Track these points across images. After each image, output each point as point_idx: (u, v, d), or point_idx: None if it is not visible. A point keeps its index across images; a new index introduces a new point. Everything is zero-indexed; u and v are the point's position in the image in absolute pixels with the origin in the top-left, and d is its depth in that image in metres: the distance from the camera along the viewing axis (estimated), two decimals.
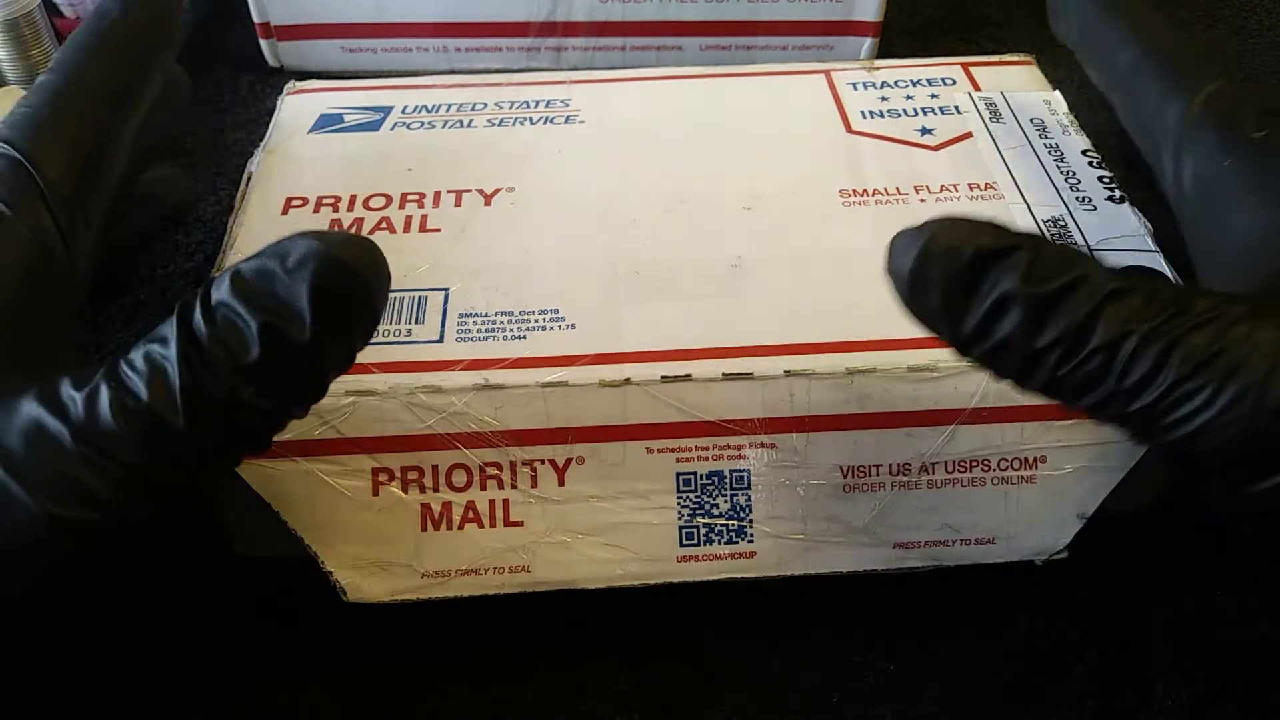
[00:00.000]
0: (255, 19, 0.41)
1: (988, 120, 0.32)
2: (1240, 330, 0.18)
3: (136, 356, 0.18)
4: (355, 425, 0.24)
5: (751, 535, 0.25)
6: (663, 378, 0.24)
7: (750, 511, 0.25)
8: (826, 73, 0.34)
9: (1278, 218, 0.23)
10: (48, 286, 0.22)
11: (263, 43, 0.42)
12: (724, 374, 0.24)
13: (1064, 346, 0.19)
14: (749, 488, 0.25)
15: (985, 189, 0.29)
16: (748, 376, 0.24)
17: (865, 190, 0.29)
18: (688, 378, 0.24)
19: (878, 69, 0.34)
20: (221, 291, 0.18)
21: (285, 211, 0.29)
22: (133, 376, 0.18)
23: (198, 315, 0.18)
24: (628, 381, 0.24)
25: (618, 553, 0.25)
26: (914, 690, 0.25)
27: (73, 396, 0.18)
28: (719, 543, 0.25)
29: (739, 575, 0.26)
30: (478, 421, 0.24)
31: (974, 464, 0.25)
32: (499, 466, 0.25)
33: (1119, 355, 0.19)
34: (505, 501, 0.25)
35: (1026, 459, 0.25)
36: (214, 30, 0.46)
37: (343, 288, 0.18)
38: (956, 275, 0.19)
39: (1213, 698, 0.25)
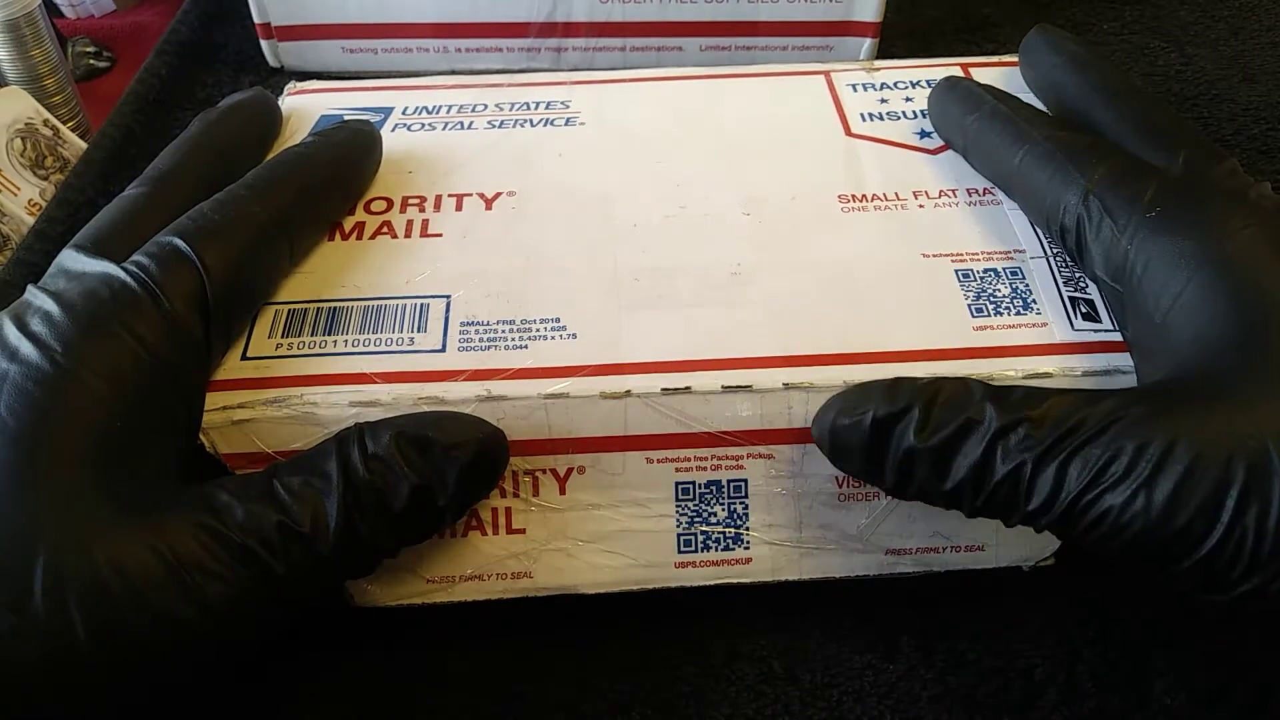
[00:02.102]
0: (255, 19, 0.41)
1: None
2: (1132, 433, 0.21)
3: (295, 483, 0.21)
4: None
5: (748, 542, 0.26)
6: (663, 390, 0.24)
7: (747, 519, 0.26)
8: (826, 74, 0.34)
9: (1179, 294, 0.23)
10: (170, 378, 0.23)
11: (263, 43, 0.41)
12: (723, 386, 0.24)
13: (971, 484, 0.22)
14: (746, 496, 0.26)
15: (983, 194, 0.29)
16: (746, 389, 0.24)
17: (865, 196, 0.29)
18: (687, 390, 0.24)
19: (877, 70, 0.34)
20: (381, 445, 0.22)
21: None
22: (293, 505, 0.21)
23: (357, 461, 0.22)
24: (628, 394, 0.24)
25: (617, 559, 0.26)
26: (914, 690, 0.25)
27: (231, 503, 0.21)
28: (716, 549, 0.26)
29: (735, 580, 0.26)
30: None
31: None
32: (501, 476, 0.25)
33: (1021, 483, 0.21)
34: (508, 510, 0.25)
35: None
36: (214, 30, 0.46)
37: (484, 473, 0.23)
38: (863, 445, 0.23)
39: (1213, 698, 0.25)
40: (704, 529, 0.26)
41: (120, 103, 0.41)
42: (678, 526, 0.26)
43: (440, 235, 0.28)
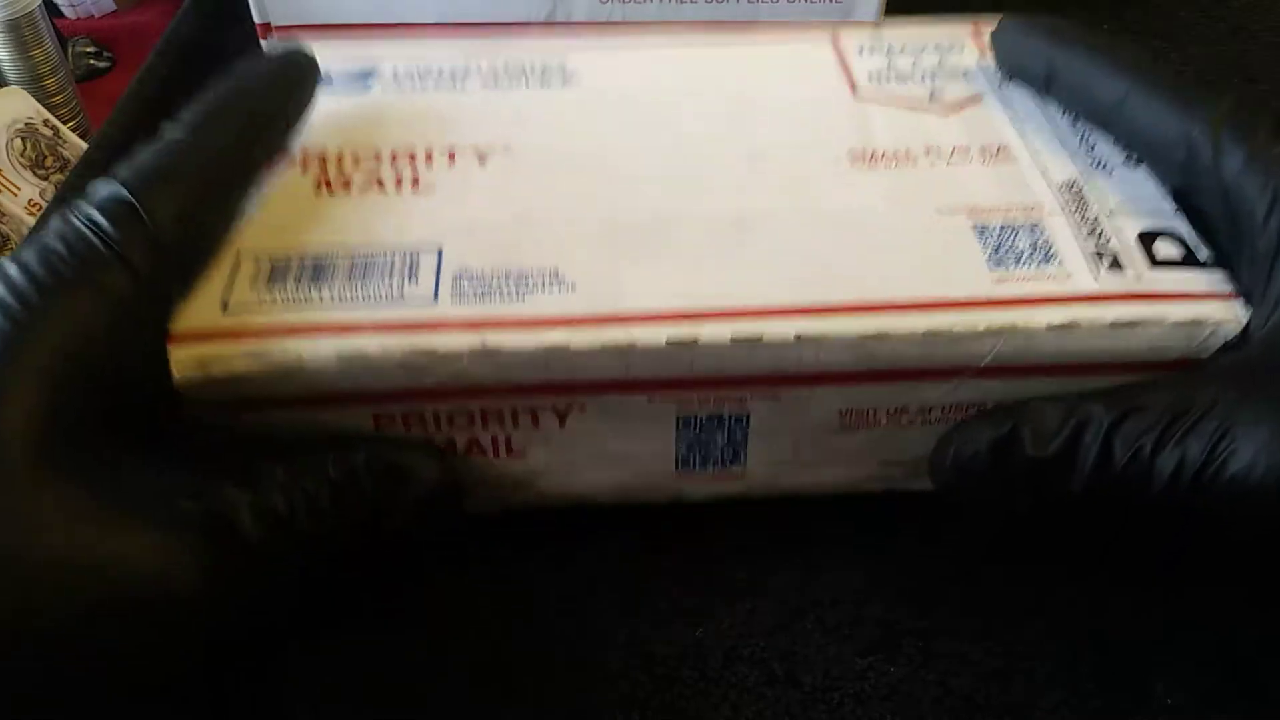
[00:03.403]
0: (255, 19, 0.40)
1: (999, 83, 0.31)
2: (1245, 402, 0.22)
3: (276, 472, 0.22)
4: (349, 384, 0.23)
5: (745, 461, 0.26)
6: (668, 341, 0.23)
7: (746, 444, 0.25)
8: (832, 35, 0.33)
9: None
10: (134, 328, 0.22)
11: (263, 43, 0.40)
12: (732, 339, 0.23)
13: (1097, 480, 0.23)
14: (747, 428, 0.25)
15: (998, 153, 0.28)
16: (757, 341, 0.23)
17: (874, 153, 0.28)
18: (694, 342, 0.23)
19: (884, 31, 0.33)
20: (351, 460, 0.23)
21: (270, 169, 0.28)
22: (270, 491, 0.22)
23: (329, 467, 0.23)
24: (632, 345, 0.23)
25: (617, 474, 0.26)
26: (915, 692, 0.25)
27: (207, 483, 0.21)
28: (714, 468, 0.26)
29: (732, 493, 0.27)
30: (477, 380, 0.23)
31: (971, 406, 0.25)
32: (500, 412, 0.24)
33: (1143, 466, 0.22)
34: (508, 438, 0.25)
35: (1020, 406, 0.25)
36: (214, 30, 0.45)
37: (436, 516, 0.25)
38: (985, 473, 0.24)
39: (1213, 698, 0.25)
40: (703, 452, 0.25)
41: (120, 103, 0.41)
42: (677, 450, 0.25)
43: (432, 190, 0.27)
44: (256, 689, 0.24)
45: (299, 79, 0.28)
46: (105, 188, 0.22)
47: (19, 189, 0.31)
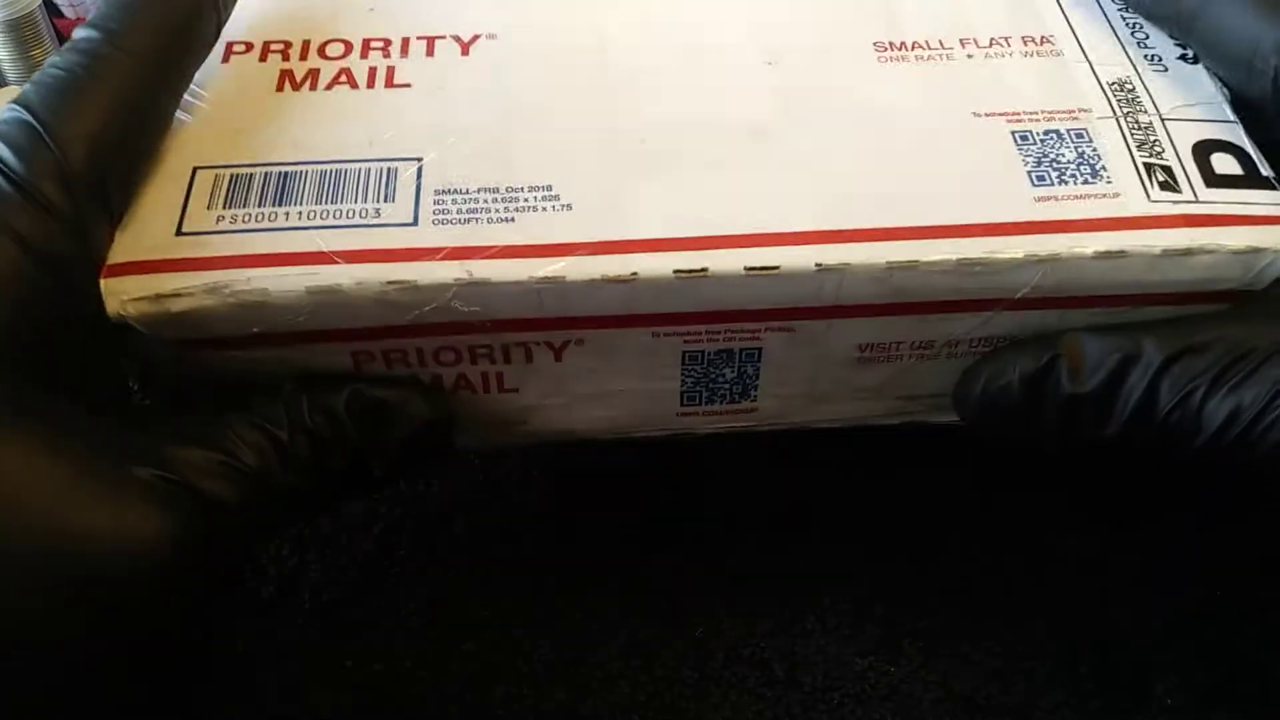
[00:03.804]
0: None
1: None
2: None
3: (244, 427, 0.20)
4: (323, 320, 0.21)
5: (755, 395, 0.24)
6: (675, 272, 0.21)
7: (757, 379, 0.24)
8: None
9: None
10: (58, 275, 0.19)
11: None
12: (746, 269, 0.21)
13: (1138, 422, 0.21)
14: (759, 362, 0.23)
15: (1041, 43, 0.25)
16: (774, 271, 0.21)
17: (904, 44, 0.25)
18: (704, 272, 0.21)
19: None
20: (332, 403, 0.21)
21: (226, 59, 0.25)
22: (240, 449, 0.20)
23: (305, 413, 0.21)
24: (635, 276, 0.21)
25: (616, 410, 0.24)
26: (916, 693, 0.25)
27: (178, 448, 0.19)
28: (720, 402, 0.24)
29: (739, 427, 0.25)
30: (463, 315, 0.21)
31: (1001, 339, 0.23)
32: (490, 348, 0.22)
33: (1190, 413, 0.20)
34: (499, 374, 0.23)
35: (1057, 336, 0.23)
36: None
37: (425, 452, 0.23)
38: (1016, 406, 0.22)
39: (1213, 698, 0.25)
40: (709, 388, 0.24)
41: None
42: (682, 387, 0.24)
43: (408, 85, 0.24)
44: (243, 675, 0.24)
45: None
46: (7, 113, 0.20)
47: None
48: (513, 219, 0.21)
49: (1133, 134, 0.23)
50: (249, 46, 0.25)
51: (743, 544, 0.27)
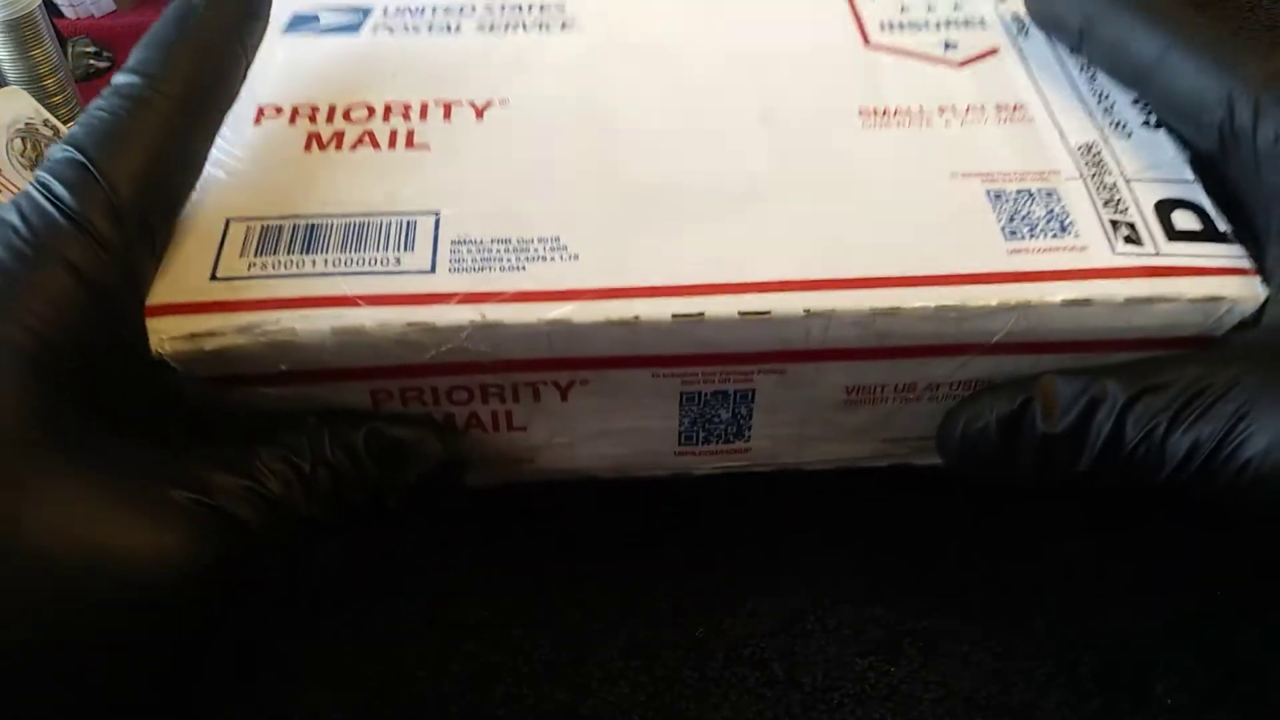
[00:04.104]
0: None
1: (1015, 34, 0.30)
2: (1264, 387, 0.21)
3: (273, 459, 0.21)
4: (346, 359, 0.22)
5: (749, 435, 0.25)
6: (674, 316, 0.22)
7: (750, 419, 0.25)
8: None
9: None
10: (106, 303, 0.21)
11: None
12: (740, 313, 0.22)
13: (1107, 457, 0.22)
14: (752, 403, 0.25)
15: (1014, 111, 0.27)
16: (765, 315, 0.22)
17: (886, 110, 0.27)
18: (700, 316, 0.22)
19: None
20: (351, 439, 0.22)
21: (258, 121, 0.27)
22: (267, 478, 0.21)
23: (326, 446, 0.22)
24: (636, 320, 0.22)
25: (618, 449, 0.25)
26: (916, 693, 0.25)
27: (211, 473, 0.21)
28: (716, 443, 0.26)
29: (734, 467, 0.26)
30: (476, 355, 0.23)
31: (978, 383, 0.25)
32: (501, 388, 0.23)
33: (1155, 447, 0.22)
34: (508, 413, 0.24)
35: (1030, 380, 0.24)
36: None
37: (439, 489, 0.24)
38: (994, 446, 0.24)
39: (1213, 698, 0.25)
40: (706, 428, 0.25)
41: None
42: (680, 426, 0.25)
43: (427, 146, 0.26)
44: (249, 680, 0.24)
45: (250, 5, 0.26)
46: (59, 153, 0.21)
47: (19, 189, 0.31)
48: (524, 267, 0.23)
49: (1099, 193, 0.25)
50: (279, 110, 0.27)
51: (743, 544, 0.27)
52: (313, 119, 0.27)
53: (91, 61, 0.48)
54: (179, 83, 0.23)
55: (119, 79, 0.23)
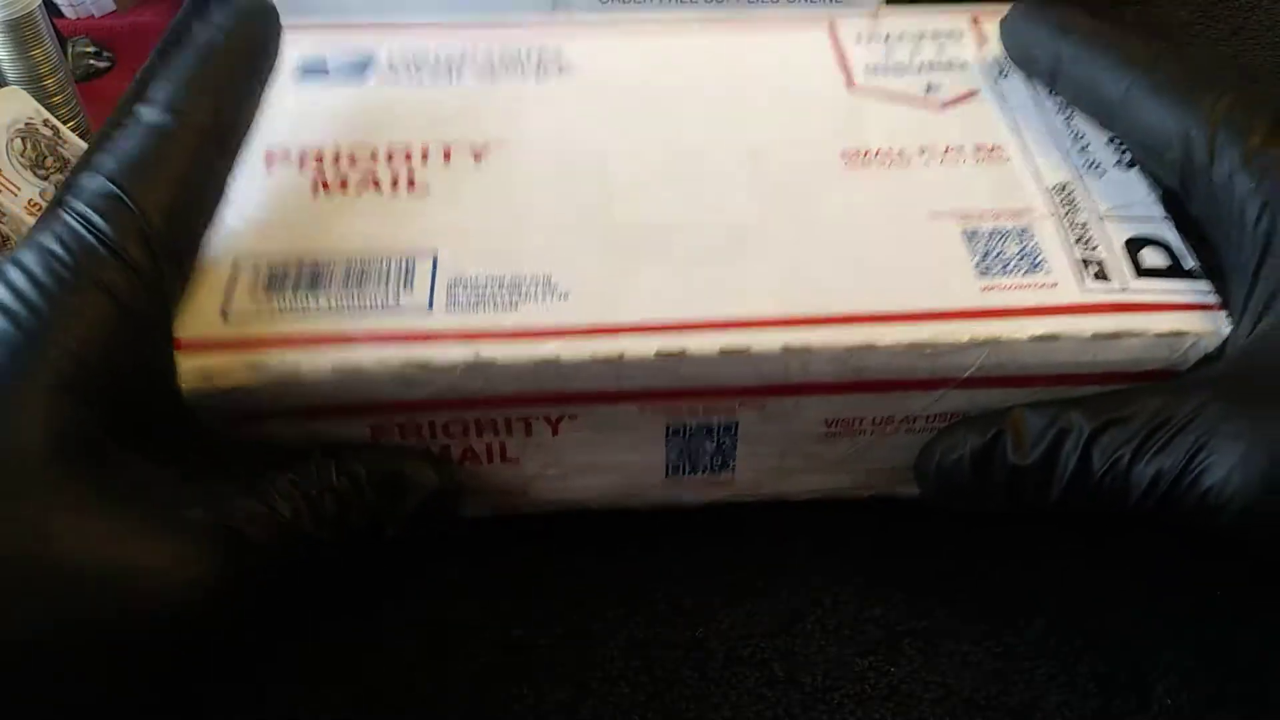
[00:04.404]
0: None
1: (996, 77, 0.31)
2: (1222, 416, 0.22)
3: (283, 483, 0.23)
4: (346, 396, 0.24)
5: (734, 467, 0.26)
6: (658, 353, 0.23)
7: (734, 451, 0.26)
8: (829, 24, 0.33)
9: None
10: (139, 327, 0.22)
11: None
12: (720, 350, 0.23)
13: (1075, 487, 0.23)
14: (735, 435, 0.26)
15: (991, 151, 0.28)
16: (744, 352, 0.24)
17: (868, 152, 0.28)
18: (683, 353, 0.23)
19: (882, 20, 0.33)
20: (353, 472, 0.23)
21: (269, 166, 0.28)
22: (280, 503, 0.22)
23: (331, 474, 0.23)
24: (621, 357, 0.23)
25: (607, 480, 0.26)
26: (916, 693, 0.25)
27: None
28: (702, 473, 0.27)
29: (720, 498, 0.27)
30: (470, 391, 0.24)
31: (954, 416, 0.26)
32: (494, 421, 0.25)
33: (1120, 477, 0.22)
34: (502, 445, 0.25)
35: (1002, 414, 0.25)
36: None
37: (435, 519, 0.25)
38: (968, 477, 0.25)
39: (1213, 698, 0.25)
40: (692, 460, 0.26)
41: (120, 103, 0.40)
42: (667, 458, 0.26)
43: (427, 189, 0.27)
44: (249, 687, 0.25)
45: (264, 37, 0.27)
46: (92, 182, 0.22)
47: (19, 189, 0.31)
48: (516, 306, 0.24)
49: (1071, 231, 0.26)
50: (288, 155, 0.28)
51: (742, 544, 0.28)
52: (319, 163, 0.28)
53: (91, 61, 0.48)
54: (203, 117, 0.24)
55: (146, 112, 0.24)
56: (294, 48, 0.31)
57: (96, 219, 0.22)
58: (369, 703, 0.25)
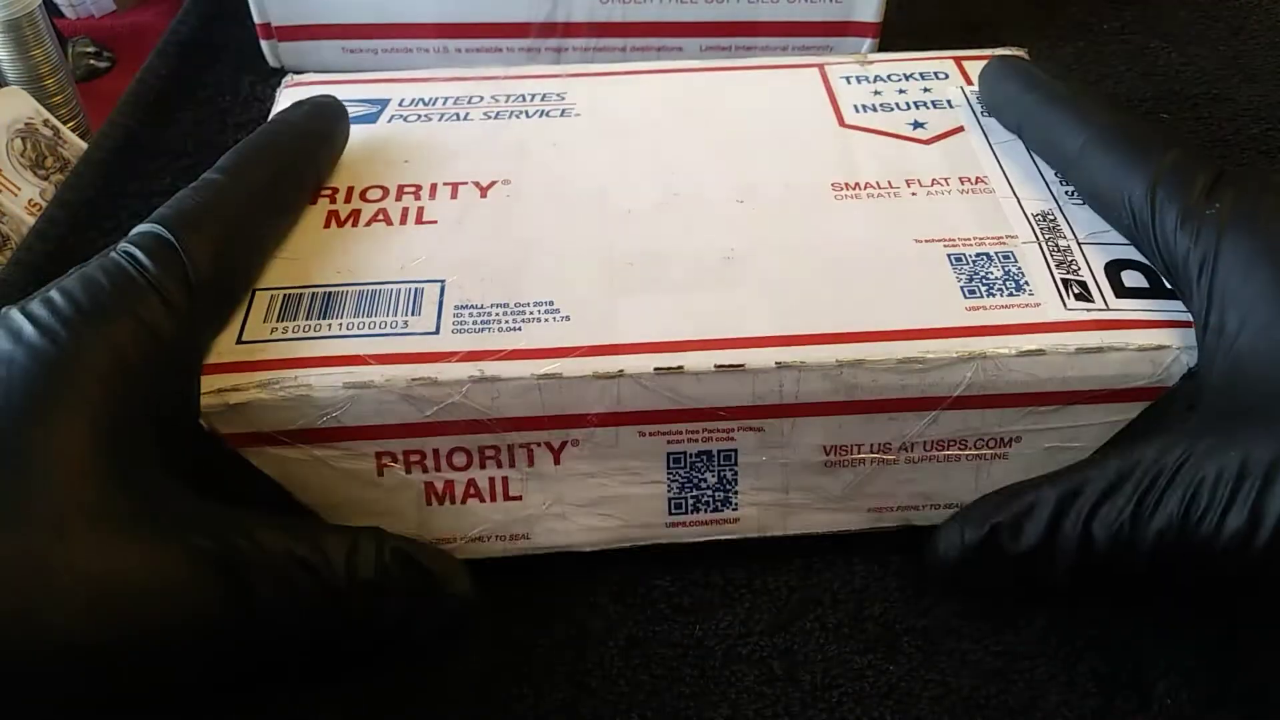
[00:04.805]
0: (255, 19, 0.41)
1: (979, 114, 0.32)
2: (1203, 466, 0.22)
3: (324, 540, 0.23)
4: (355, 416, 0.24)
5: (736, 504, 0.27)
6: (656, 369, 0.24)
7: (736, 484, 0.26)
8: (820, 66, 0.34)
9: (1240, 292, 0.24)
10: (170, 360, 0.23)
11: (263, 43, 0.42)
12: (716, 366, 0.24)
13: (1077, 564, 0.24)
14: (735, 465, 0.26)
15: (976, 183, 0.30)
16: (739, 369, 0.24)
17: (857, 184, 0.30)
18: (680, 369, 0.24)
19: (871, 63, 0.35)
20: (385, 557, 0.23)
21: None
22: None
23: (370, 558, 0.23)
24: (621, 373, 0.24)
25: (611, 520, 0.26)
26: (915, 691, 0.25)
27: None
28: (705, 510, 0.27)
29: (723, 537, 0.27)
30: (474, 411, 0.25)
31: (952, 443, 0.26)
32: (497, 449, 0.25)
33: (1122, 544, 0.23)
34: (504, 479, 0.26)
35: (1002, 439, 0.26)
36: (214, 30, 0.46)
37: (451, 628, 0.25)
38: (975, 574, 0.25)
39: (1213, 698, 0.25)
40: (694, 493, 0.26)
41: (120, 103, 0.41)
42: (669, 491, 0.26)
43: (435, 222, 0.28)
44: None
45: (329, 126, 0.30)
46: (147, 227, 0.24)
47: (19, 189, 0.32)
48: (520, 328, 0.25)
49: (1053, 255, 0.27)
50: None
51: (742, 542, 0.27)
52: (332, 199, 0.29)
53: (91, 61, 0.49)
54: (259, 180, 0.27)
55: (209, 175, 0.26)
56: (313, 93, 0.33)
57: (142, 257, 0.23)
58: (369, 702, 0.25)
